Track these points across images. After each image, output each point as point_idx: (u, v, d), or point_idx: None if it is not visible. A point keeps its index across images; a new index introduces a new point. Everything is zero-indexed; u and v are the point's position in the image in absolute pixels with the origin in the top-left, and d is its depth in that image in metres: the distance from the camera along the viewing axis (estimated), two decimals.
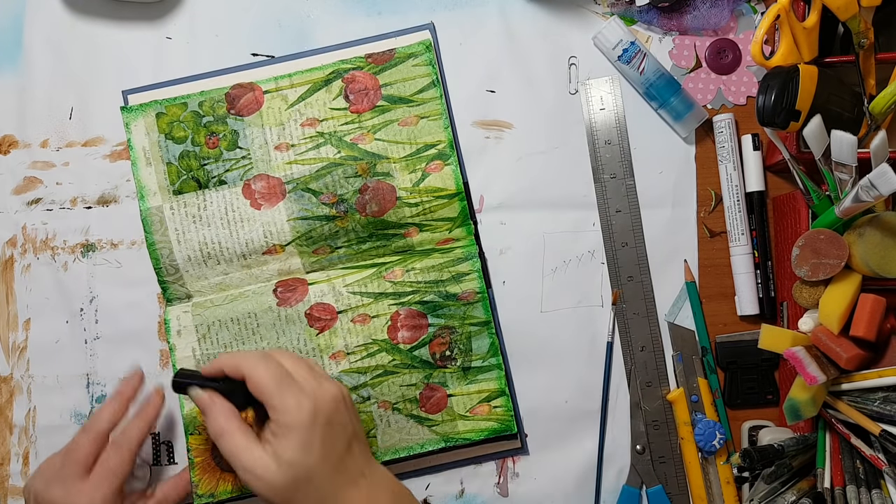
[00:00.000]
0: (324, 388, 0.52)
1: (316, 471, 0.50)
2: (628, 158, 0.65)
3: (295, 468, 0.49)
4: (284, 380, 0.51)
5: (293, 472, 0.49)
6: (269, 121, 0.63)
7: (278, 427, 0.50)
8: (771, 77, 0.54)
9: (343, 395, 0.54)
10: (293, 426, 0.50)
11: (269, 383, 0.51)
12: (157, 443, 0.64)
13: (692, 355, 0.63)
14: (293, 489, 0.50)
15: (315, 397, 0.51)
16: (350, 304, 0.62)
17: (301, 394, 0.51)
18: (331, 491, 0.50)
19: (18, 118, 0.67)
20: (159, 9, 0.67)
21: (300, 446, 0.50)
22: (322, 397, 0.52)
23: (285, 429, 0.50)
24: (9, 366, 0.65)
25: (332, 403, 0.52)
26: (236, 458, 0.50)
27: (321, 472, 0.50)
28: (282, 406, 0.50)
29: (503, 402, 0.62)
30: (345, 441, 0.52)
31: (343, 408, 0.53)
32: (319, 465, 0.50)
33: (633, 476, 0.63)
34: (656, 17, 0.65)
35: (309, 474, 0.50)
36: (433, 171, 0.63)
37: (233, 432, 0.51)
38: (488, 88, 0.66)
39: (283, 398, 0.50)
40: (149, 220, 0.63)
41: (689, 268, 0.64)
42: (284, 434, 0.50)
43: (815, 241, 0.53)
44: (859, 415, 0.52)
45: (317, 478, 0.50)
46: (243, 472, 0.50)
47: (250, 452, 0.50)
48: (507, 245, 0.65)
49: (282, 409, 0.50)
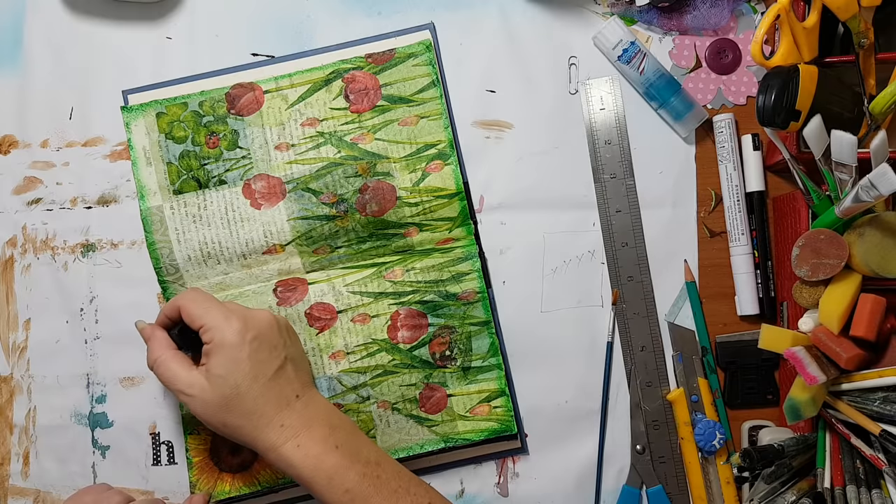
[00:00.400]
0: (253, 313, 0.55)
1: (245, 387, 0.52)
2: (628, 158, 0.65)
3: (224, 382, 0.52)
4: (214, 304, 0.55)
5: (222, 387, 0.52)
6: (270, 121, 0.63)
7: (209, 347, 0.53)
8: (771, 77, 0.54)
9: (276, 320, 0.56)
10: (221, 343, 0.53)
11: (198, 307, 0.54)
12: (157, 443, 0.64)
13: (692, 355, 0.63)
14: (224, 405, 0.52)
15: (244, 317, 0.54)
16: (350, 304, 0.62)
17: (230, 313, 0.54)
18: (262, 409, 0.53)
19: (18, 118, 0.67)
20: (159, 9, 0.67)
21: (228, 361, 0.52)
22: (251, 317, 0.55)
23: (215, 346, 0.53)
24: (9, 366, 0.65)
25: (261, 323, 0.55)
26: (172, 381, 0.53)
27: (251, 389, 0.53)
28: (211, 324, 0.53)
29: (503, 402, 0.62)
30: (277, 361, 0.54)
31: (276, 330, 0.55)
32: (249, 381, 0.53)
33: (633, 476, 0.63)
34: (656, 17, 0.65)
35: (238, 389, 0.52)
36: (433, 170, 0.63)
37: (167, 359, 0.54)
38: (488, 88, 0.66)
39: (213, 317, 0.54)
40: (149, 219, 0.63)
41: (689, 268, 0.64)
42: (214, 351, 0.53)
43: (815, 241, 0.53)
44: (859, 415, 0.52)
45: (247, 394, 0.52)
46: (179, 395, 0.53)
47: (185, 373, 0.53)
48: (507, 245, 0.65)
49: (211, 327, 0.53)
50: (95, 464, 0.64)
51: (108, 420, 0.64)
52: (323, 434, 0.53)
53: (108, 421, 0.64)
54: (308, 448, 0.52)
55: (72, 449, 0.64)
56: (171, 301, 0.56)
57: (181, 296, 0.56)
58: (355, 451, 0.54)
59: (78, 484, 0.64)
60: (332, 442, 0.53)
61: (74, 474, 0.64)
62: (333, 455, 0.53)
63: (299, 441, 0.53)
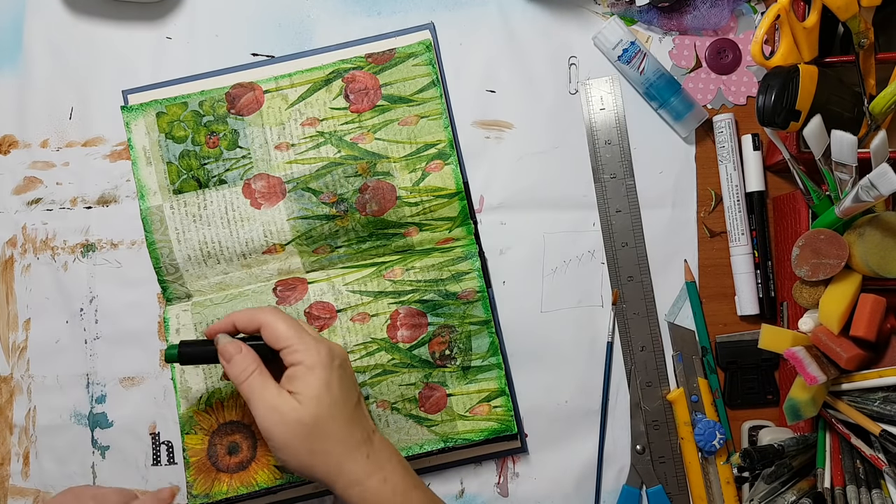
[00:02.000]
0: (331, 342, 0.55)
1: (337, 410, 0.51)
2: (628, 158, 0.65)
3: (319, 403, 0.51)
4: (300, 327, 0.54)
5: (317, 407, 0.51)
6: (270, 120, 0.64)
7: (297, 369, 0.52)
8: (771, 77, 0.54)
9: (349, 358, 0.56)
10: (314, 365, 0.51)
11: (287, 329, 0.53)
12: (157, 443, 0.64)
13: (692, 355, 0.63)
14: (314, 427, 0.50)
15: (328, 343, 0.54)
16: (349, 303, 0.62)
17: (317, 339, 0.53)
18: (350, 436, 0.51)
19: (18, 118, 0.67)
20: (159, 9, 0.67)
21: (321, 383, 0.51)
22: (333, 345, 0.54)
23: (306, 369, 0.51)
24: (9, 366, 0.65)
25: (343, 353, 0.54)
26: (261, 397, 0.51)
27: (342, 413, 0.52)
28: (300, 346, 0.52)
29: (503, 401, 0.62)
30: (356, 393, 0.54)
31: (350, 367, 0.55)
32: (340, 406, 0.52)
33: (633, 476, 0.63)
34: (656, 17, 0.65)
35: (331, 412, 0.51)
36: (433, 170, 0.63)
37: (262, 373, 0.52)
38: (488, 88, 0.66)
39: (303, 341, 0.52)
40: (149, 219, 0.63)
41: (689, 268, 0.64)
42: (305, 374, 0.51)
43: (815, 241, 0.53)
44: (859, 415, 0.52)
45: (339, 417, 0.51)
46: (267, 411, 0.51)
47: (276, 391, 0.51)
48: (507, 245, 0.65)
49: (300, 349, 0.52)
50: (95, 464, 0.64)
51: (108, 420, 0.64)
52: (403, 472, 0.52)
53: (107, 421, 0.64)
54: (395, 483, 0.51)
55: (72, 449, 0.64)
56: (249, 313, 0.54)
57: (264, 311, 0.54)
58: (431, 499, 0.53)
59: (78, 484, 0.64)
60: (412, 482, 0.52)
61: (74, 474, 0.64)
62: (416, 493, 0.52)
63: (386, 475, 0.51)
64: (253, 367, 0.52)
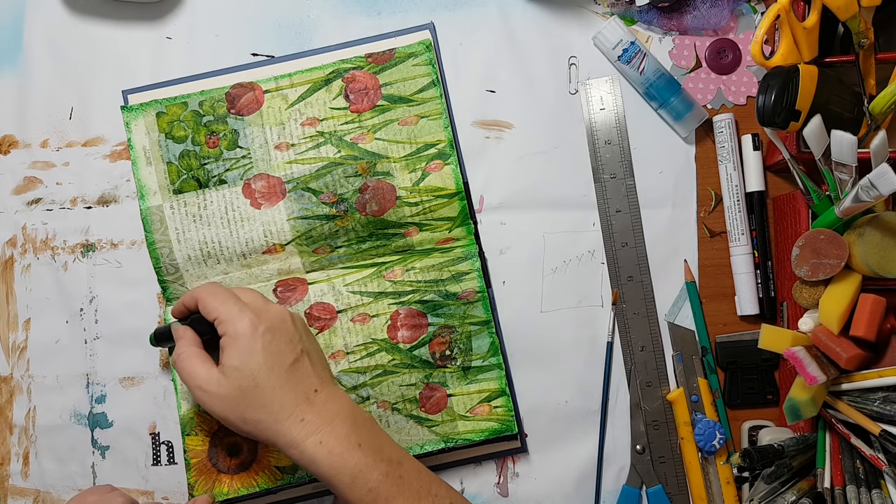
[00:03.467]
0: (268, 306, 0.55)
1: (262, 377, 0.52)
2: (628, 158, 0.65)
3: (239, 374, 0.52)
4: (230, 297, 0.54)
5: (238, 378, 0.52)
6: (270, 120, 0.64)
7: (223, 340, 0.53)
8: (771, 77, 0.54)
9: (290, 315, 0.56)
10: (235, 335, 0.52)
11: (213, 299, 0.54)
12: (157, 443, 0.64)
13: (692, 355, 0.63)
14: (242, 398, 0.52)
15: (257, 310, 0.54)
16: (350, 304, 0.62)
17: (244, 306, 0.54)
18: (280, 401, 0.52)
19: (18, 118, 0.67)
20: (159, 9, 0.67)
21: (242, 352, 0.52)
22: (265, 310, 0.54)
23: (229, 339, 0.53)
24: (9, 366, 0.65)
25: (274, 316, 0.54)
26: (190, 377, 0.53)
27: (268, 379, 0.52)
28: (224, 316, 0.53)
29: (503, 402, 0.62)
30: (292, 354, 0.54)
31: (289, 324, 0.55)
32: (265, 372, 0.52)
33: (633, 476, 0.63)
34: (656, 17, 0.65)
35: (255, 381, 0.52)
36: (433, 170, 0.63)
37: (189, 356, 0.54)
38: (488, 88, 0.66)
39: (227, 309, 0.53)
40: (149, 219, 0.63)
41: (689, 268, 0.64)
42: (229, 343, 0.53)
43: (815, 241, 0.53)
44: (859, 415, 0.52)
45: (264, 385, 0.52)
46: (197, 392, 0.53)
47: (203, 369, 0.53)
48: (507, 245, 0.65)
49: (224, 320, 0.53)
50: (95, 464, 0.64)
51: (108, 420, 0.64)
52: (346, 431, 0.52)
53: (107, 421, 0.64)
54: (331, 445, 0.51)
55: (72, 449, 0.64)
56: (191, 291, 0.56)
57: (201, 287, 0.56)
58: (378, 450, 0.53)
59: (78, 484, 0.64)
60: (355, 439, 0.52)
61: (74, 474, 0.64)
62: (356, 453, 0.51)
63: (321, 437, 0.51)
64: (183, 349, 0.54)
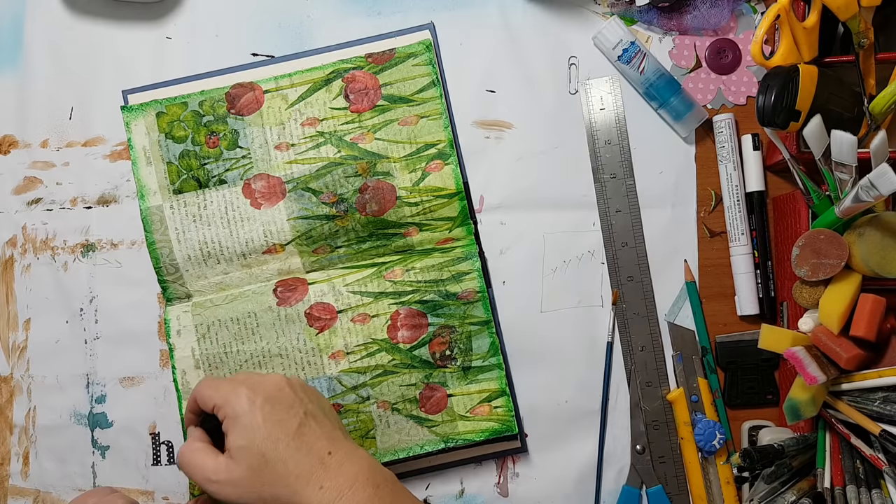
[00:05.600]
0: (262, 378, 0.53)
1: (269, 452, 0.50)
2: (628, 158, 0.65)
3: (247, 453, 0.49)
4: (222, 381, 0.53)
5: (247, 458, 0.49)
6: (270, 120, 0.64)
7: (226, 423, 0.51)
8: (771, 77, 0.54)
9: (286, 380, 0.54)
10: (235, 414, 0.50)
11: (206, 389, 0.52)
12: (157, 443, 0.64)
13: (692, 355, 0.63)
14: (254, 477, 0.49)
15: (251, 384, 0.52)
16: (350, 304, 0.62)
17: (237, 385, 0.52)
18: (295, 471, 0.49)
19: (18, 118, 0.67)
20: (159, 9, 0.67)
21: (245, 429, 0.50)
22: (259, 383, 0.52)
23: (229, 421, 0.51)
24: (9, 366, 0.65)
25: (269, 386, 0.52)
26: (198, 471, 0.50)
27: (276, 451, 0.50)
28: (222, 400, 0.51)
29: (503, 402, 0.62)
30: (296, 419, 0.51)
31: (287, 390, 0.53)
32: (270, 445, 0.50)
33: (633, 476, 0.63)
34: (656, 17, 0.65)
35: (263, 457, 0.49)
36: (433, 170, 0.63)
37: (193, 451, 0.51)
38: (488, 88, 0.66)
39: (221, 394, 0.51)
40: (149, 219, 0.63)
41: (689, 268, 0.64)
42: (231, 425, 0.50)
43: (815, 241, 0.53)
44: (859, 415, 0.52)
45: (273, 459, 0.49)
46: (208, 484, 0.50)
47: (210, 460, 0.50)
48: (507, 245, 0.65)
49: (222, 404, 0.51)
50: (95, 464, 0.64)
51: (108, 420, 0.64)
52: (368, 495, 0.49)
53: (107, 421, 0.64)
54: None
55: (71, 449, 0.64)
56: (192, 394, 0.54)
57: (195, 387, 0.54)
58: None
59: (78, 484, 0.64)
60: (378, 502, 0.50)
61: (74, 474, 0.64)
62: None
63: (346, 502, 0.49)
64: (185, 446, 0.52)
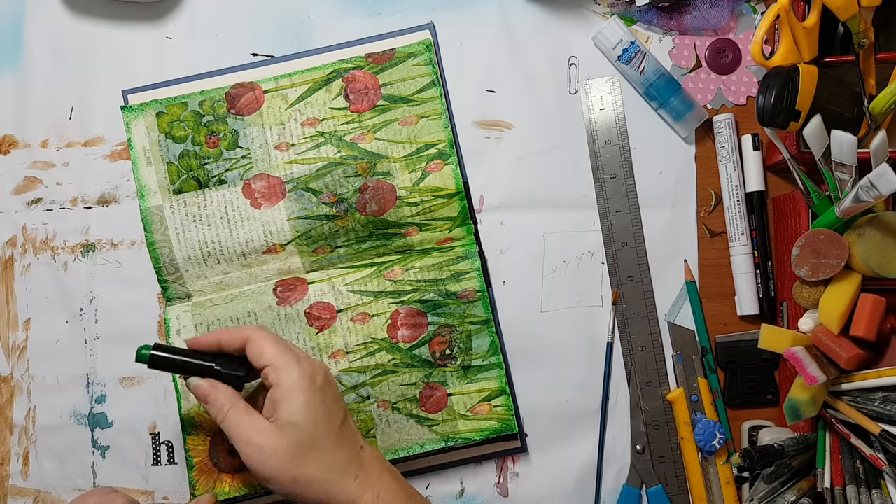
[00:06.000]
0: (313, 358, 0.53)
1: (321, 436, 0.49)
2: (628, 158, 0.65)
3: (300, 431, 0.49)
4: (285, 345, 0.52)
5: (296, 434, 0.49)
6: (270, 120, 0.64)
7: (277, 392, 0.50)
8: (771, 77, 0.54)
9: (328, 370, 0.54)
10: (295, 386, 0.49)
11: (271, 346, 0.51)
12: (157, 443, 0.64)
13: (692, 355, 0.63)
14: (299, 456, 0.49)
15: (311, 361, 0.52)
16: (350, 303, 0.62)
17: (300, 357, 0.52)
18: (337, 461, 0.49)
19: (18, 118, 0.67)
20: (159, 9, 0.67)
21: (304, 405, 0.49)
22: (316, 362, 0.52)
23: (287, 389, 0.50)
24: (9, 366, 0.65)
25: (325, 370, 0.52)
26: (237, 434, 0.50)
27: (327, 438, 0.49)
28: (283, 365, 0.50)
29: (504, 401, 0.62)
30: (342, 411, 0.52)
31: (334, 379, 0.53)
32: (324, 430, 0.49)
33: (633, 476, 0.63)
34: (656, 17, 0.65)
35: (314, 439, 0.49)
36: (433, 170, 0.63)
37: (239, 409, 0.50)
38: (488, 88, 0.66)
39: (285, 359, 0.51)
40: (149, 219, 0.63)
41: (689, 268, 0.64)
42: (287, 395, 0.49)
43: (815, 241, 0.53)
44: (859, 415, 0.52)
45: (323, 444, 0.49)
46: (244, 446, 0.49)
47: (252, 424, 0.50)
48: (507, 245, 0.65)
49: (283, 369, 0.50)
50: (95, 464, 0.64)
51: (108, 420, 0.64)
52: (396, 487, 0.51)
53: (107, 421, 0.64)
54: (386, 499, 0.50)
55: (71, 449, 0.64)
56: (235, 330, 0.53)
57: (249, 328, 0.53)
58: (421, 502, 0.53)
59: (78, 484, 0.64)
60: (405, 496, 0.51)
61: (74, 474, 0.64)
62: None
63: (378, 492, 0.50)
64: (228, 404, 0.51)
